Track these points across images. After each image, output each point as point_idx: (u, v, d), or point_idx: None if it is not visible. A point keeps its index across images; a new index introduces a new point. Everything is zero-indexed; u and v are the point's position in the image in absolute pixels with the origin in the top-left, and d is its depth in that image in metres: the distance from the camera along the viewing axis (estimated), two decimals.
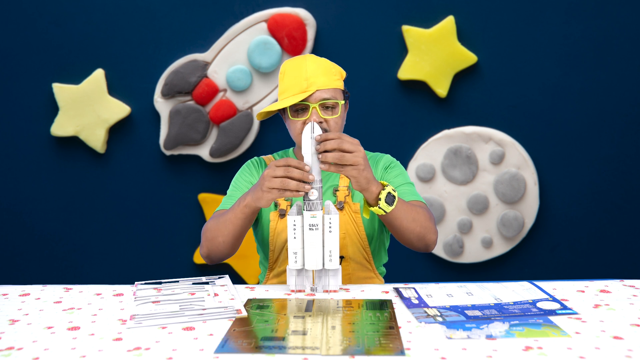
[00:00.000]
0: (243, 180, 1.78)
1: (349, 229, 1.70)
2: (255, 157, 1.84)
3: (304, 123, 1.62)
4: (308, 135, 1.45)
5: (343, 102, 1.66)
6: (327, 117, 1.62)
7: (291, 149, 1.84)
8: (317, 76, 1.61)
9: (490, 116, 2.77)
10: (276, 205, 1.72)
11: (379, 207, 1.49)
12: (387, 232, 1.81)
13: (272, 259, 1.76)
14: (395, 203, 1.50)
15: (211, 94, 2.75)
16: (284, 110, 1.69)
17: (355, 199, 1.71)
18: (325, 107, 1.63)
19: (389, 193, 1.49)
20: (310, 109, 1.60)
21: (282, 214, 1.70)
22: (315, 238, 1.45)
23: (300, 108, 1.63)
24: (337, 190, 1.71)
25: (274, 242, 1.72)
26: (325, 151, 1.43)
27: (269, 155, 1.85)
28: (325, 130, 1.62)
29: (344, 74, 1.71)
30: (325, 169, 1.44)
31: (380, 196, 1.48)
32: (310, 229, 1.45)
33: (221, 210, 1.71)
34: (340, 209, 1.69)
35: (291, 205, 1.69)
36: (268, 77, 2.75)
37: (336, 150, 1.43)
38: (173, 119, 2.76)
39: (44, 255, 2.91)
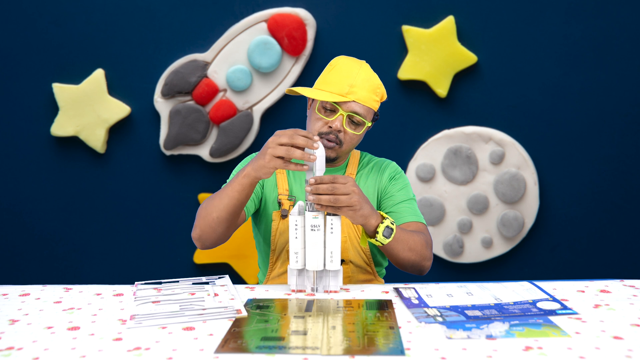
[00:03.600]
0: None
1: (350, 232, 1.70)
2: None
3: (325, 124, 1.62)
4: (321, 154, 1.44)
5: (370, 124, 1.66)
6: (348, 130, 1.62)
7: None
8: (361, 88, 1.61)
9: (490, 116, 2.77)
10: (279, 204, 1.71)
11: (377, 240, 1.50)
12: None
13: (272, 259, 1.76)
14: (393, 235, 1.49)
15: (211, 94, 2.75)
16: (313, 98, 1.67)
17: None
18: (352, 119, 1.62)
19: (388, 226, 1.48)
20: (337, 114, 1.60)
21: (285, 215, 1.70)
22: (317, 239, 1.45)
23: (330, 108, 1.62)
24: None
25: (275, 242, 1.72)
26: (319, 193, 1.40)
27: None
28: (337, 140, 1.62)
29: (384, 97, 1.70)
30: (320, 210, 1.42)
31: (378, 229, 1.48)
32: (312, 229, 1.45)
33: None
34: None
35: (294, 206, 1.70)
36: (268, 77, 2.75)
37: (330, 195, 1.40)
38: (173, 119, 2.76)
39: (44, 255, 2.91)
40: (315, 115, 1.64)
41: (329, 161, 1.68)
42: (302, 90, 1.63)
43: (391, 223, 1.49)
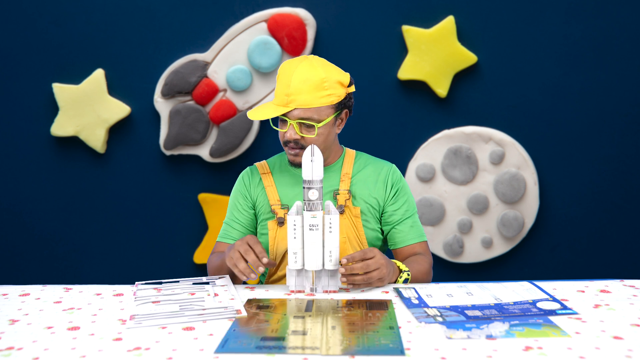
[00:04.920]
0: (235, 200, 1.78)
1: (350, 233, 1.70)
2: (248, 167, 1.82)
3: (283, 135, 1.64)
4: (308, 159, 1.46)
5: (326, 122, 1.62)
6: (304, 135, 1.62)
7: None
8: (299, 93, 1.58)
9: (490, 116, 2.77)
10: (274, 213, 1.71)
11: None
12: (387, 244, 1.82)
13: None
14: (408, 281, 1.60)
15: (211, 94, 2.75)
16: None
17: (356, 203, 1.70)
18: (303, 125, 1.62)
19: (405, 279, 1.58)
20: (288, 124, 1.62)
21: (281, 222, 1.70)
22: (316, 238, 1.45)
23: (281, 119, 1.64)
24: (337, 194, 1.70)
25: (274, 251, 1.71)
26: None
27: (263, 162, 1.82)
28: (299, 146, 1.62)
29: (345, 80, 1.64)
30: (352, 289, 1.50)
31: (398, 280, 1.58)
32: (310, 229, 1.45)
33: (220, 246, 1.76)
34: (341, 212, 1.68)
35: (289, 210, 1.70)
36: (268, 77, 2.75)
37: (364, 275, 1.45)
38: (173, 119, 2.76)
39: (44, 255, 2.90)
40: (278, 130, 1.68)
41: (297, 165, 1.68)
42: (250, 113, 1.64)
43: (408, 274, 1.59)
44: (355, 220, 1.70)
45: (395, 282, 1.57)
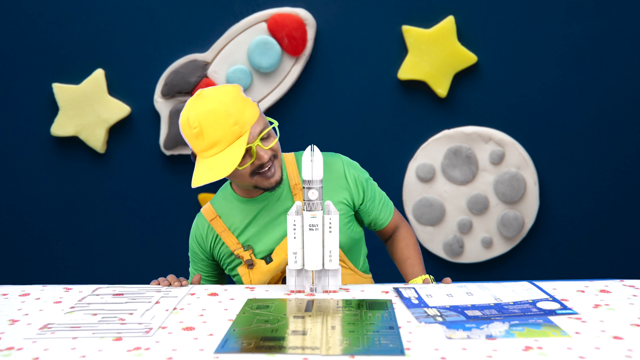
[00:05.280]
0: (192, 253, 1.74)
1: None
2: (197, 216, 1.71)
3: (253, 165, 1.51)
4: (308, 159, 1.44)
5: (272, 125, 1.56)
6: (270, 146, 1.52)
7: (227, 183, 1.72)
8: (240, 114, 1.47)
9: (490, 116, 2.77)
10: (239, 257, 1.63)
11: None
12: (364, 245, 1.79)
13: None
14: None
15: None
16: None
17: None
18: (262, 139, 1.51)
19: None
20: (254, 149, 1.49)
21: (250, 264, 1.62)
22: (315, 238, 1.45)
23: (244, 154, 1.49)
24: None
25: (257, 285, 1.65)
26: None
27: (207, 206, 1.69)
28: (270, 161, 1.52)
29: (240, 87, 1.56)
30: None
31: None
32: (310, 229, 1.45)
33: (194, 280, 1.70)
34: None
35: (252, 253, 1.63)
36: (268, 77, 2.75)
37: None
38: (173, 119, 2.76)
39: (44, 255, 2.90)
40: (238, 173, 1.52)
41: (280, 183, 1.57)
42: (210, 177, 1.46)
43: (432, 279, 1.66)
44: None
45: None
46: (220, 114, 1.46)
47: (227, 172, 1.45)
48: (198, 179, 1.48)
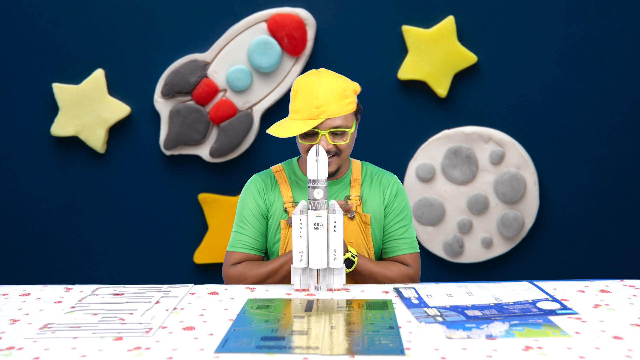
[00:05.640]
0: (248, 209, 1.74)
1: (358, 239, 1.70)
2: (255, 175, 1.79)
3: (312, 145, 1.63)
4: (313, 158, 1.47)
5: (353, 129, 1.67)
6: (336, 144, 1.64)
7: (295, 158, 1.81)
8: (328, 103, 1.61)
9: (490, 116, 2.77)
10: (286, 212, 1.71)
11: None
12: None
13: None
14: (353, 267, 1.61)
15: (211, 94, 2.75)
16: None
17: (366, 210, 1.71)
18: (334, 134, 1.63)
19: (348, 258, 1.59)
20: (320, 135, 1.62)
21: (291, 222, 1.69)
22: (320, 237, 1.46)
23: (309, 133, 1.64)
24: (348, 199, 1.71)
25: (284, 250, 1.70)
26: None
27: (273, 168, 1.80)
28: (334, 152, 1.63)
29: (358, 89, 1.70)
30: None
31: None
32: (315, 228, 1.45)
33: (232, 256, 1.71)
34: (351, 218, 1.69)
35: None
36: (268, 77, 2.75)
37: None
38: (173, 119, 2.76)
39: (44, 255, 2.90)
40: (301, 144, 1.67)
41: (331, 175, 1.69)
42: (276, 132, 1.64)
43: (352, 256, 1.60)
44: (364, 227, 1.71)
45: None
46: (312, 92, 1.62)
47: (285, 135, 1.61)
48: (272, 128, 1.66)
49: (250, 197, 1.74)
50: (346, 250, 1.59)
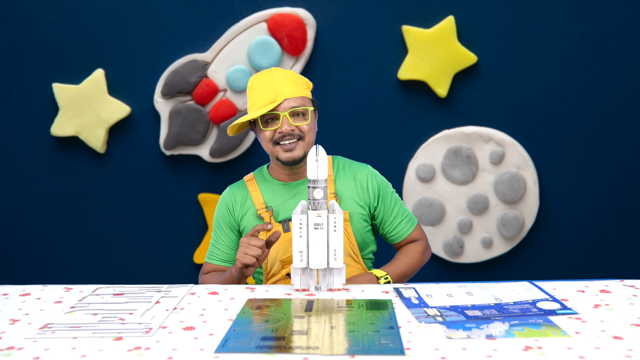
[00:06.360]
0: (219, 223, 1.80)
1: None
2: (228, 188, 1.84)
3: (275, 132, 1.67)
4: (313, 158, 1.47)
5: (312, 108, 1.72)
6: (298, 124, 1.68)
7: (266, 165, 1.84)
8: (284, 86, 1.67)
9: (490, 116, 2.77)
10: (260, 218, 1.73)
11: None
12: (374, 243, 1.84)
13: (266, 269, 1.76)
14: (391, 281, 1.69)
15: (211, 94, 2.75)
16: (255, 123, 1.74)
17: (343, 207, 1.73)
18: (295, 114, 1.68)
19: (386, 282, 1.67)
20: (281, 117, 1.66)
21: (268, 225, 1.65)
22: (320, 237, 1.46)
23: (270, 118, 1.69)
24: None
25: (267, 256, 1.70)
26: None
27: (245, 177, 1.83)
28: (297, 136, 1.68)
29: (310, 85, 1.77)
30: None
31: (380, 282, 1.66)
32: (315, 228, 1.46)
33: (207, 266, 1.79)
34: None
35: (274, 215, 1.72)
36: None
37: None
38: (173, 119, 2.76)
39: (44, 255, 2.91)
40: (262, 133, 1.70)
41: (298, 162, 1.70)
42: (239, 120, 1.70)
43: (385, 279, 1.67)
44: (345, 224, 1.70)
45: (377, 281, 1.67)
46: (267, 80, 1.68)
47: (246, 119, 1.67)
48: (232, 125, 1.72)
49: (219, 212, 1.82)
50: (377, 278, 1.66)
